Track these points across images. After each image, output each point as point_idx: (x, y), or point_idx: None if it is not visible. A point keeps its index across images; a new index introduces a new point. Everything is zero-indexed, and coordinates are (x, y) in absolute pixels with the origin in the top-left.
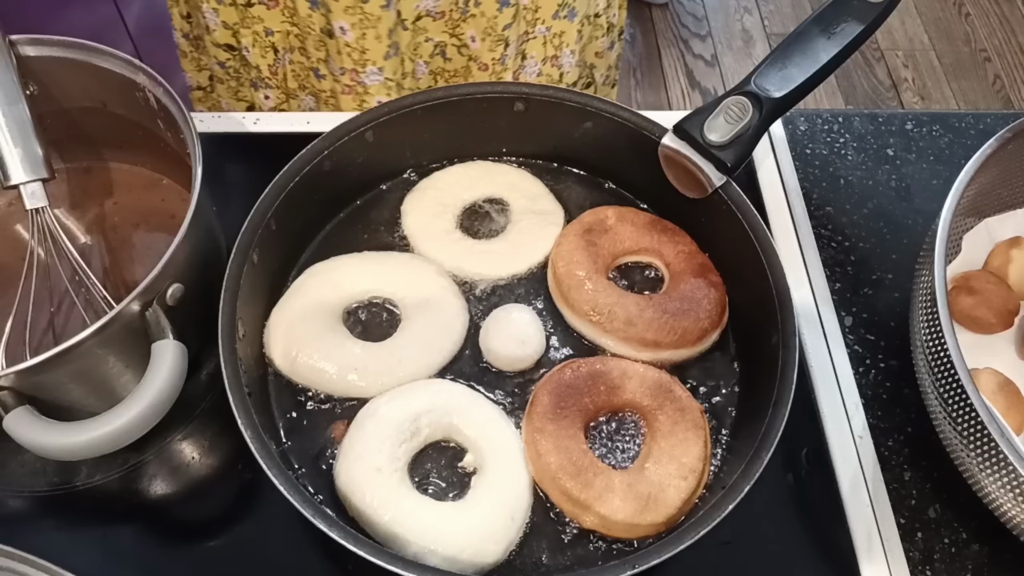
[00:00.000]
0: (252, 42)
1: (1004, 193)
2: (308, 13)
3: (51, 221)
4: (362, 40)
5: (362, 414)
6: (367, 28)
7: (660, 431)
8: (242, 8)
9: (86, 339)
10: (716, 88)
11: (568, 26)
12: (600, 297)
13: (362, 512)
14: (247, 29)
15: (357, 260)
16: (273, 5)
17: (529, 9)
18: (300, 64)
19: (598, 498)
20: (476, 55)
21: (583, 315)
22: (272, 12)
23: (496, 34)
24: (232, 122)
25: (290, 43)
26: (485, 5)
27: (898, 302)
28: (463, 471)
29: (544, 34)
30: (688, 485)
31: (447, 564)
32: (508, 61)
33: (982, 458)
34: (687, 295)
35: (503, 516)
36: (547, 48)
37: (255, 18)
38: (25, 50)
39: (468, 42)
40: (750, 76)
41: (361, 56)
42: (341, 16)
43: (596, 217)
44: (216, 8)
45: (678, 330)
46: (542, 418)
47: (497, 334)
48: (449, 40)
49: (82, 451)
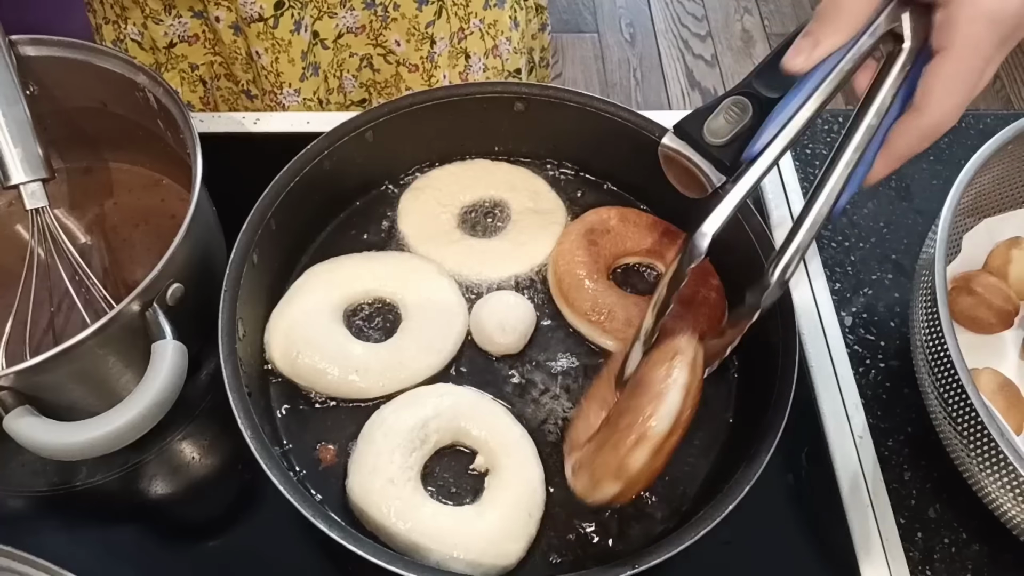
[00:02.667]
0: (180, 81)
1: (1004, 193)
2: (232, 39)
3: (51, 221)
4: (276, 64)
5: (369, 426)
6: (279, 52)
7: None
8: (164, 51)
9: (86, 339)
10: (716, 88)
11: (500, 14)
12: (600, 297)
13: (381, 525)
14: (172, 70)
15: (357, 260)
16: (195, 40)
17: (459, 5)
18: (229, 89)
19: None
20: (404, 58)
21: (583, 315)
22: (194, 47)
23: (420, 32)
24: (232, 122)
25: (215, 72)
26: (404, 7)
27: (898, 302)
28: (475, 473)
29: (479, 27)
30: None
31: (471, 568)
32: (438, 59)
33: (982, 458)
34: (687, 298)
35: (520, 514)
36: (485, 41)
37: (179, 57)
38: (25, 50)
39: (393, 47)
40: (750, 76)
41: (277, 79)
42: (256, 42)
43: (598, 217)
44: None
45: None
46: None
47: (483, 318)
48: (374, 51)
49: (82, 451)
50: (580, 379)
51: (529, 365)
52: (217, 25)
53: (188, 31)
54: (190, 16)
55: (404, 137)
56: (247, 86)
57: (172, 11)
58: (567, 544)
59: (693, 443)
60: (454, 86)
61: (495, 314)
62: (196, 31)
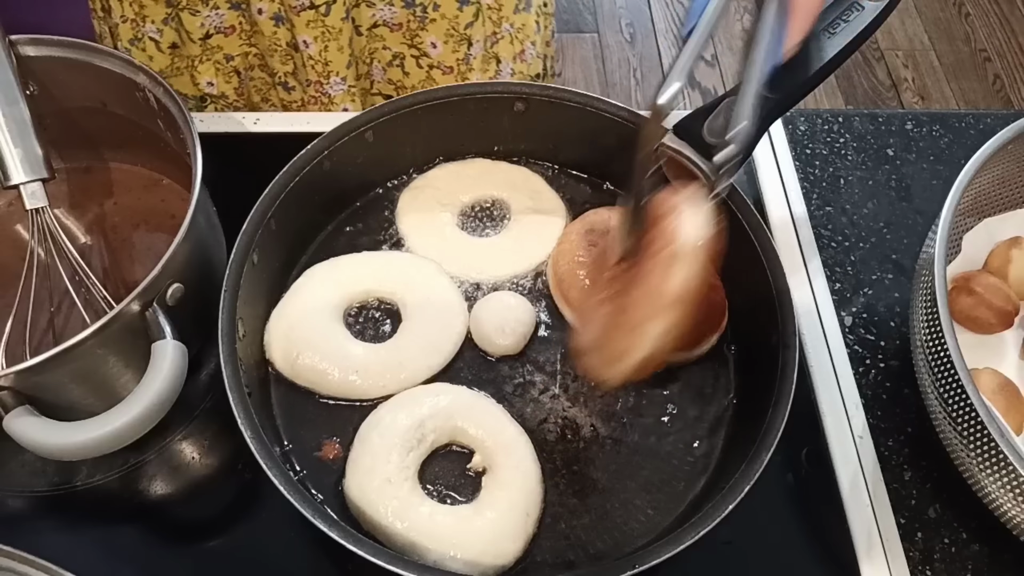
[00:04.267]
0: (215, 72)
1: (1004, 193)
2: (273, 31)
3: (51, 221)
4: (325, 52)
5: (365, 426)
6: (329, 40)
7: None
8: (199, 42)
9: (86, 339)
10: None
11: (527, 18)
12: (601, 295)
13: (378, 524)
14: (207, 62)
15: (357, 260)
16: (231, 32)
17: (493, 9)
18: (262, 80)
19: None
20: (439, 60)
21: (568, 302)
22: (230, 38)
23: (459, 34)
24: (232, 122)
25: (249, 63)
26: (445, 7)
27: (898, 302)
28: (473, 472)
29: (509, 31)
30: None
31: (469, 568)
32: (473, 61)
33: (982, 458)
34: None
35: (518, 513)
36: (514, 45)
37: (215, 48)
38: (25, 50)
39: (428, 50)
40: None
41: (325, 68)
42: (304, 31)
43: (598, 217)
44: (128, 48)
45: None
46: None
47: (483, 319)
48: (407, 51)
49: (82, 451)
50: (580, 379)
51: (529, 365)
52: (258, 17)
53: (224, 23)
54: (227, 8)
55: (404, 137)
56: (284, 78)
57: (209, 2)
58: (566, 543)
59: (693, 443)
60: (454, 86)
61: (495, 315)
62: (233, 22)
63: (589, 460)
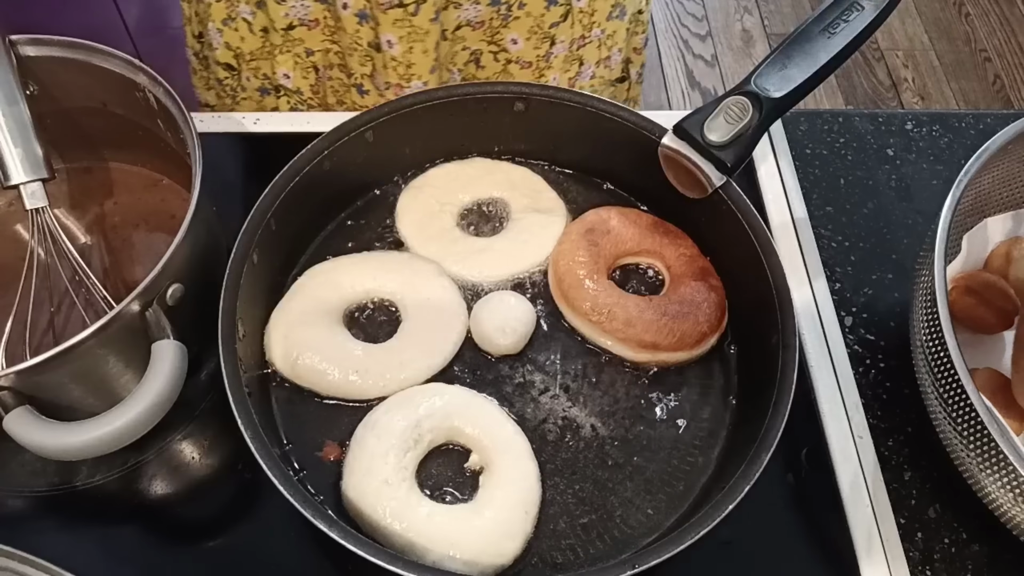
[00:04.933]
0: (293, 65)
1: (1004, 193)
2: (356, 28)
3: (51, 221)
4: (408, 54)
5: (362, 428)
6: (415, 42)
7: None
8: (281, 32)
9: (86, 339)
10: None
11: (619, 25)
12: (600, 297)
13: (376, 525)
14: (287, 53)
15: (357, 261)
16: (314, 25)
17: (585, 13)
18: (339, 80)
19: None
20: (518, 56)
21: (582, 314)
22: (313, 32)
23: (542, 32)
24: (232, 122)
25: (329, 60)
26: (531, 5)
27: (898, 302)
28: (470, 472)
29: (599, 37)
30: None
31: (468, 567)
32: (554, 60)
33: (982, 458)
34: (687, 298)
35: (517, 511)
36: (600, 51)
37: (296, 40)
38: (25, 50)
39: (508, 46)
40: (750, 76)
41: (407, 70)
42: (389, 29)
43: (598, 217)
44: (221, 29)
45: (677, 332)
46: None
47: (483, 319)
48: (486, 48)
49: (82, 451)
50: (580, 379)
51: (529, 365)
52: (342, 12)
53: (309, 15)
54: (313, 0)
55: (404, 137)
56: (360, 80)
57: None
58: (566, 543)
59: (693, 443)
60: (454, 86)
61: (495, 315)
62: (318, 15)
63: (589, 460)
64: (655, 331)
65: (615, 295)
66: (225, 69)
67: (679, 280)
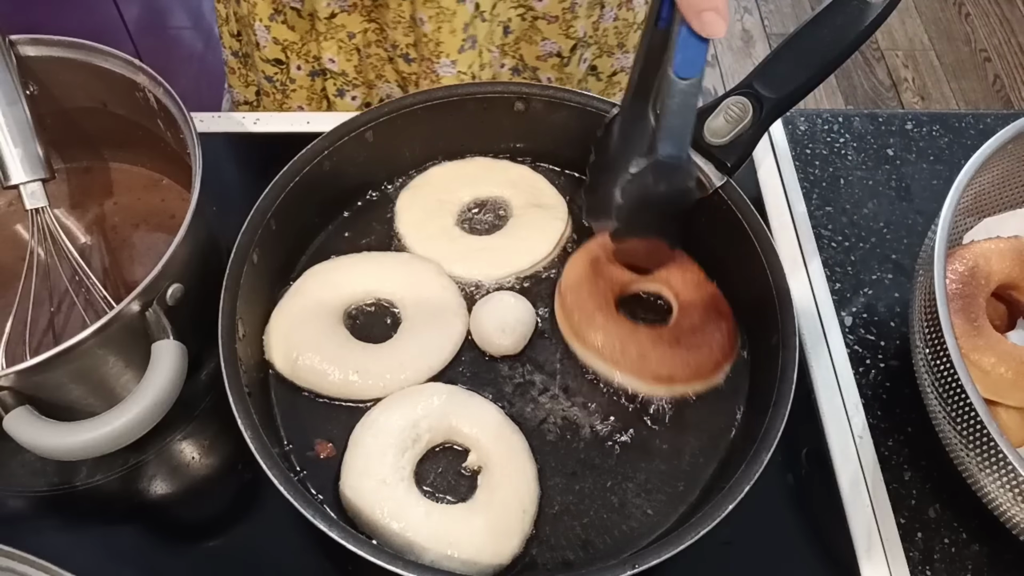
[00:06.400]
0: (337, 50)
1: (1004, 193)
2: (399, 3)
3: (51, 221)
4: (437, 32)
5: (359, 427)
6: (443, 22)
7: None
8: (324, 21)
9: (86, 339)
10: (716, 88)
11: None
12: (612, 329)
13: (374, 526)
14: (330, 39)
15: (357, 261)
16: (353, 9)
17: None
18: (377, 56)
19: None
20: (544, 12)
21: (595, 351)
22: (352, 16)
23: None
24: (232, 122)
25: (367, 39)
26: None
27: (898, 302)
28: (468, 471)
29: None
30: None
31: (466, 567)
32: (579, 9)
33: (982, 458)
34: (699, 327)
35: (515, 510)
36: None
37: (339, 27)
38: (25, 50)
39: (534, 4)
40: (750, 76)
41: (436, 48)
42: (421, 8)
43: (600, 247)
44: (268, 25)
45: (692, 364)
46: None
47: (483, 319)
48: (514, 13)
49: (82, 451)
50: (579, 379)
51: (529, 365)
52: None
53: (347, 2)
54: None
55: (404, 137)
56: (406, 50)
57: None
58: (565, 543)
59: (693, 443)
60: (454, 86)
61: (495, 315)
62: (354, 0)
63: (588, 460)
64: (670, 364)
65: (626, 328)
66: (274, 65)
67: (688, 308)
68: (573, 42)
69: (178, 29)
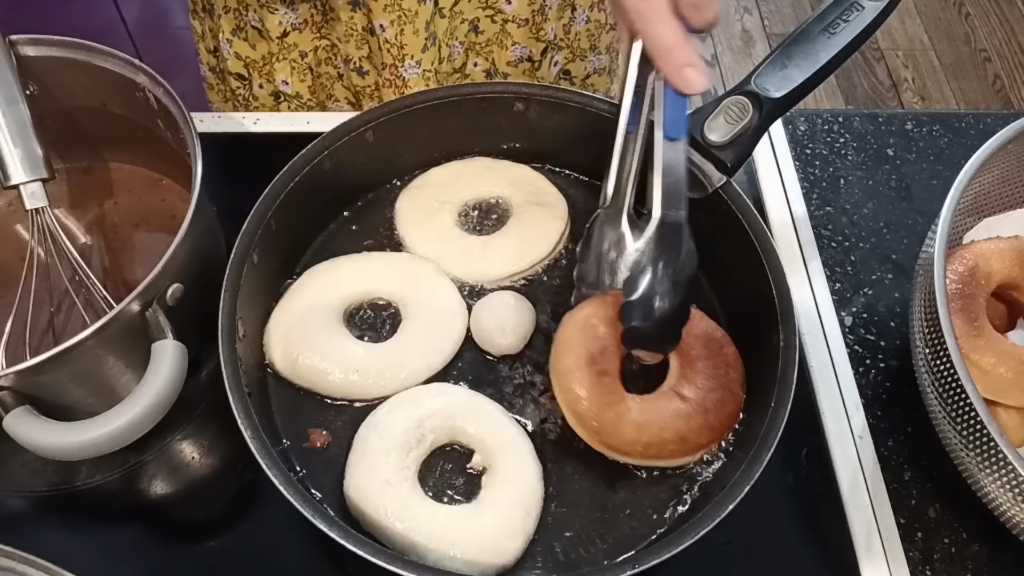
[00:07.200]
0: (290, 71)
1: (1004, 193)
2: (351, 15)
3: (51, 221)
4: (400, 36)
5: (364, 428)
6: (405, 24)
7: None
8: (277, 41)
9: (86, 339)
10: (716, 88)
11: None
12: (640, 421)
13: (378, 525)
14: (283, 60)
15: (357, 260)
16: (304, 27)
17: None
18: (327, 75)
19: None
20: (514, 14)
21: (633, 452)
22: (303, 34)
23: None
24: (232, 122)
25: (318, 57)
26: None
27: (898, 302)
28: (473, 472)
29: None
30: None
31: (469, 567)
32: (549, 12)
33: (982, 458)
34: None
35: (518, 512)
36: None
37: (291, 46)
38: (25, 50)
39: (503, 7)
40: (750, 76)
41: (400, 51)
42: (380, 15)
43: (596, 310)
44: (230, 39)
45: (716, 426)
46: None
47: (483, 318)
48: (482, 14)
49: (82, 451)
50: None
51: (529, 365)
52: (336, 2)
53: (299, 18)
54: (302, 1)
55: (404, 137)
56: (359, 63)
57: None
58: (566, 542)
59: None
60: (454, 86)
61: (495, 315)
62: (305, 16)
63: (589, 460)
64: (708, 433)
65: (653, 410)
66: (237, 79)
67: (691, 361)
68: (544, 45)
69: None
